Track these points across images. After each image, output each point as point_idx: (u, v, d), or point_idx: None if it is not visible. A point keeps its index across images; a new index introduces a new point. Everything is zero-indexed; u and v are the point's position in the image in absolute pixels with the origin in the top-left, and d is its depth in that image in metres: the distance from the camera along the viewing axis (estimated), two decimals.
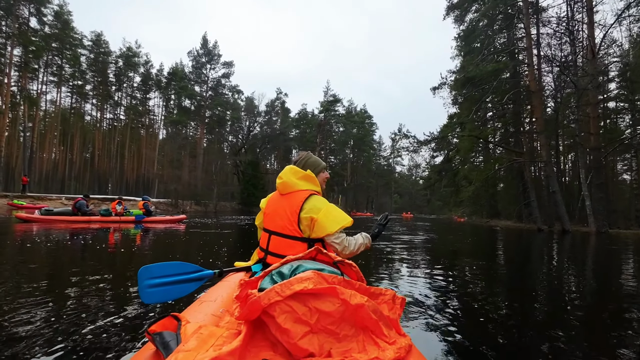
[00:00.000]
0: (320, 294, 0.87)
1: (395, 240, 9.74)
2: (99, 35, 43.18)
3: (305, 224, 1.57)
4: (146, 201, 12.69)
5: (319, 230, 1.55)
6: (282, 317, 0.83)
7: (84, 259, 4.80)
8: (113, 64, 45.47)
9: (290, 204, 1.62)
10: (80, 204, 11.07)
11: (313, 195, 1.64)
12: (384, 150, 79.17)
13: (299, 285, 0.85)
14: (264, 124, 48.13)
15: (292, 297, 0.85)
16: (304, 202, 1.59)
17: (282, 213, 1.62)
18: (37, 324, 2.17)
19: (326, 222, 1.54)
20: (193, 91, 45.03)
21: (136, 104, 48.67)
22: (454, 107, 37.99)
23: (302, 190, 1.66)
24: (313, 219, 1.55)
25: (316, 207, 1.58)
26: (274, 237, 1.64)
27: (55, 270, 4.05)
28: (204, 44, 45.29)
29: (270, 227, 1.67)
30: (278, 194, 1.74)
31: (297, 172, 1.72)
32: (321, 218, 1.55)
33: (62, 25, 36.95)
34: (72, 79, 42.38)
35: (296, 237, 1.58)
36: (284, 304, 0.84)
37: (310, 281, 0.87)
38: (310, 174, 1.74)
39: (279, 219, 1.63)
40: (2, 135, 31.46)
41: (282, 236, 1.61)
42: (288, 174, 1.71)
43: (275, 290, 0.85)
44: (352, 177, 65.74)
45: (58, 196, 25.54)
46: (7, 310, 2.39)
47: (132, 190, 44.44)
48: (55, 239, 6.78)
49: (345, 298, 0.86)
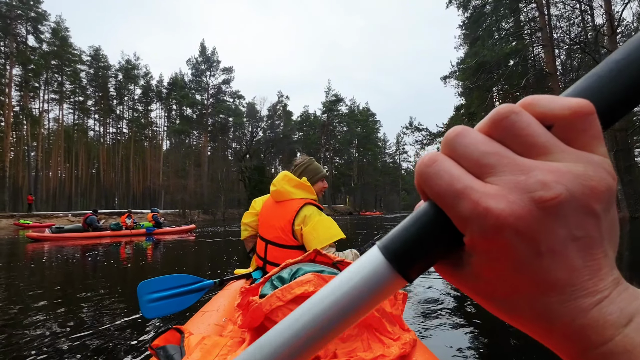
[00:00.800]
0: None
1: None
2: (97, 50, 43.06)
3: (297, 233, 1.57)
4: (155, 213, 12.66)
5: (306, 244, 1.54)
6: None
7: (96, 275, 4.75)
8: (113, 78, 45.32)
9: (284, 212, 1.61)
10: (91, 220, 10.94)
11: (307, 205, 1.61)
12: (389, 148, 78.31)
13: (299, 289, 0.86)
14: (266, 129, 47.64)
15: (293, 301, 0.85)
16: (297, 212, 1.58)
17: (276, 223, 1.62)
18: (46, 338, 2.21)
19: (311, 238, 1.52)
20: (194, 99, 44.69)
21: (138, 116, 48.43)
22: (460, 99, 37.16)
23: (296, 199, 1.65)
24: (302, 231, 1.55)
25: (306, 219, 1.56)
26: (271, 246, 1.63)
27: (67, 287, 4.06)
28: (202, 51, 45.07)
29: (266, 236, 1.67)
30: (271, 201, 1.73)
31: (290, 179, 1.70)
32: (306, 234, 1.53)
33: (60, 42, 36.83)
34: (73, 95, 42.33)
35: (292, 246, 1.58)
36: (285, 308, 0.84)
37: (311, 284, 0.87)
38: (304, 182, 1.71)
39: (272, 229, 1.63)
40: (7, 155, 31.26)
41: (278, 246, 1.61)
42: (282, 182, 1.69)
43: (276, 295, 0.85)
44: (358, 177, 64.84)
45: (65, 213, 25.16)
46: (18, 325, 2.48)
47: (139, 202, 44.15)
48: (68, 256, 6.67)
49: None
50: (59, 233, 10.49)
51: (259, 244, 1.72)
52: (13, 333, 2.35)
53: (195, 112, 46.56)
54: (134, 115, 48.49)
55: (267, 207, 1.75)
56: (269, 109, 50.79)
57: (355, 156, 65.48)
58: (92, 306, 3.06)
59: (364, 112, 65.34)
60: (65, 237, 10.34)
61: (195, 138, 48.90)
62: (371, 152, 66.93)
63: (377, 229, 14.19)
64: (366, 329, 0.90)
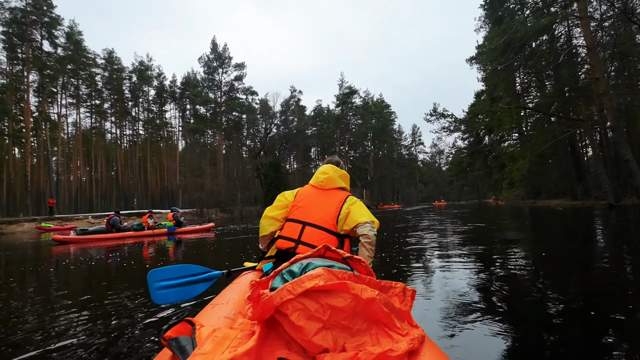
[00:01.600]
0: (331, 290, 0.88)
1: (445, 233, 8.37)
2: (110, 53, 43.36)
3: (342, 218, 1.69)
4: (175, 212, 12.69)
5: (351, 221, 1.67)
6: (295, 314, 0.85)
7: (119, 274, 4.85)
8: (127, 80, 45.49)
9: (332, 199, 1.76)
10: (114, 221, 11.06)
11: (351, 196, 1.81)
12: (404, 140, 76.61)
13: (310, 283, 0.86)
14: (280, 124, 46.99)
15: (303, 294, 0.86)
16: (345, 199, 1.75)
17: (322, 207, 1.73)
18: (67, 330, 2.38)
19: (358, 213, 1.68)
20: (207, 97, 44.34)
21: (153, 117, 48.60)
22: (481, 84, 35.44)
23: (342, 187, 1.87)
24: (349, 211, 1.69)
25: (353, 203, 1.74)
26: (309, 228, 1.68)
27: (91, 286, 4.14)
28: (214, 48, 44.60)
29: (305, 219, 1.71)
30: (314, 189, 1.84)
31: (337, 170, 1.88)
32: (354, 209, 1.70)
33: (74, 46, 37.07)
34: (90, 98, 42.67)
35: (331, 231, 1.67)
36: (296, 301, 0.86)
37: (321, 278, 0.88)
38: (347, 174, 1.93)
39: (317, 212, 1.71)
40: (28, 160, 31.75)
41: (318, 228, 1.67)
42: (331, 171, 1.85)
43: (286, 288, 0.86)
44: (375, 170, 63.53)
45: (85, 215, 25.29)
46: (43, 319, 2.72)
47: (157, 203, 44.46)
48: (92, 257, 6.81)
49: (356, 293, 0.88)
50: (84, 235, 10.53)
51: (291, 226, 1.73)
52: (39, 326, 2.55)
53: (208, 110, 46.26)
54: (149, 116, 48.66)
55: (308, 194, 1.82)
56: (282, 105, 50.15)
57: (371, 149, 64.15)
58: (114, 302, 3.16)
59: (378, 103, 63.80)
60: (90, 238, 10.40)
61: (210, 137, 48.75)
62: (387, 145, 65.47)
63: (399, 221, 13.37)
64: (375, 324, 0.90)
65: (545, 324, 2.27)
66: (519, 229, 8.93)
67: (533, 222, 11.38)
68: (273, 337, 0.90)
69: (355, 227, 1.65)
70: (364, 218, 1.65)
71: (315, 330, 0.83)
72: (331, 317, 0.86)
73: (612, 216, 11.22)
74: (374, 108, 61.31)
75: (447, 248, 5.78)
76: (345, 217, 1.67)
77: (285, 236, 1.72)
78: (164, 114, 49.88)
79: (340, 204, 1.71)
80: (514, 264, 4.18)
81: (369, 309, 0.89)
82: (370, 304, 0.88)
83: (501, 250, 5.29)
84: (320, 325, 0.85)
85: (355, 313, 0.88)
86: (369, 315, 0.90)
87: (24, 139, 31.47)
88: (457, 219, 13.55)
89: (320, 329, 0.84)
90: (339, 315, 0.86)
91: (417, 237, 7.71)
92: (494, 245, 6.07)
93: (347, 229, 1.67)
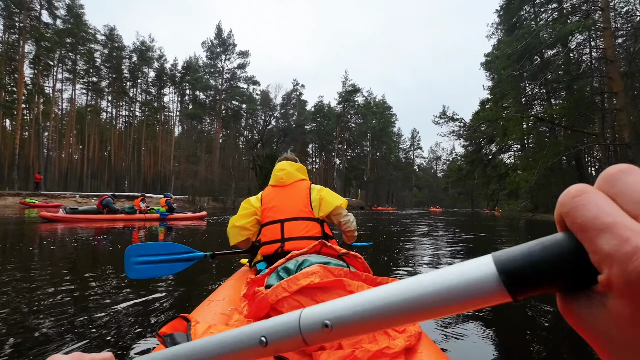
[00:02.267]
0: (327, 287, 0.88)
1: (436, 236, 8.22)
2: (112, 30, 42.18)
3: (315, 204, 1.73)
4: (168, 198, 12.53)
5: (326, 206, 1.72)
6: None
7: (109, 259, 4.58)
8: (127, 59, 44.32)
9: (298, 191, 1.78)
10: (107, 202, 10.85)
11: (313, 184, 1.84)
12: (403, 143, 76.34)
13: (305, 280, 0.86)
14: (280, 117, 46.30)
15: (299, 291, 0.86)
16: (309, 186, 1.81)
17: (292, 200, 1.75)
18: (55, 322, 2.19)
19: (330, 197, 1.76)
20: (208, 83, 43.39)
21: (151, 99, 47.51)
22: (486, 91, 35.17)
23: (303, 179, 1.88)
24: (320, 197, 1.75)
25: (320, 191, 1.79)
26: (288, 223, 1.69)
27: (79, 271, 3.91)
28: (219, 33, 43.69)
29: (280, 216, 1.71)
30: (277, 188, 1.85)
31: (293, 164, 1.93)
32: (325, 195, 1.76)
33: (74, 19, 35.89)
34: (87, 75, 41.47)
35: (311, 218, 1.70)
36: (291, 299, 0.86)
37: (317, 275, 0.88)
38: (302, 166, 1.96)
39: (288, 206, 1.73)
40: (17, 133, 30.72)
41: (297, 219, 1.69)
42: (288, 166, 1.89)
43: (282, 286, 0.87)
44: (372, 171, 63.18)
45: (72, 194, 24.51)
46: (30, 309, 2.47)
47: (150, 187, 43.67)
48: (81, 238, 6.54)
49: (352, 290, 0.88)
50: (73, 214, 10.28)
51: (270, 229, 1.71)
52: (25, 316, 2.33)
53: (208, 96, 45.28)
54: (147, 98, 47.56)
55: (273, 194, 1.82)
56: (284, 97, 49.47)
57: (370, 149, 63.78)
58: (103, 291, 2.99)
59: (380, 104, 63.35)
60: (79, 218, 10.17)
61: (208, 124, 47.83)
62: (386, 146, 65.17)
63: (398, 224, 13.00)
64: None
65: (540, 324, 2.31)
66: (520, 240, 8.57)
67: (535, 234, 11.05)
68: None
69: (332, 212, 1.73)
70: (338, 201, 1.74)
71: None
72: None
73: None
74: (375, 108, 60.87)
75: (446, 250, 5.75)
76: (319, 203, 1.72)
77: (267, 240, 1.71)
78: (163, 97, 48.81)
79: (308, 191, 1.75)
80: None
81: None
82: None
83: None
84: None
85: None
86: None
87: (15, 111, 30.40)
88: (455, 226, 13.32)
89: None
90: None
91: (415, 241, 7.55)
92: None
93: (323, 215, 1.72)
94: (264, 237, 1.73)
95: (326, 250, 1.19)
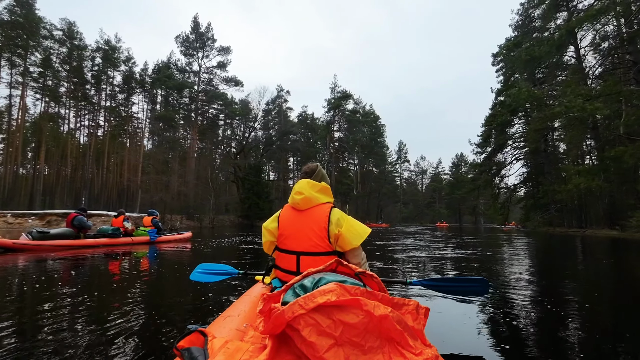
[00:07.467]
0: (343, 305, 0.89)
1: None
2: (71, 25, 37.61)
3: (333, 241, 1.65)
4: (154, 216, 11.06)
5: (344, 244, 1.64)
6: (306, 330, 0.86)
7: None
8: (89, 61, 39.38)
9: (315, 219, 1.68)
10: (80, 221, 8.83)
11: (333, 208, 1.72)
12: (389, 156, 74.08)
13: (322, 298, 0.87)
14: (264, 125, 42.46)
15: (315, 309, 0.87)
16: (329, 216, 1.67)
17: (309, 231, 1.67)
18: (69, 343, 2.15)
19: (350, 236, 1.63)
20: (183, 82, 38.60)
21: (117, 106, 42.37)
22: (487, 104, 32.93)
23: (323, 204, 1.74)
24: (339, 233, 1.63)
25: (339, 221, 1.66)
26: (304, 257, 1.66)
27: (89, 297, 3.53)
28: (195, 27, 39.50)
29: (297, 248, 1.68)
30: (293, 211, 1.77)
31: (314, 185, 1.77)
32: (345, 233, 1.63)
33: (24, 9, 30.97)
34: (42, 77, 36.16)
35: (327, 252, 1.64)
36: (308, 316, 0.87)
37: (333, 293, 0.89)
38: (326, 185, 1.82)
39: (306, 238, 1.67)
40: None
41: (314, 255, 1.64)
42: (308, 189, 1.74)
43: (298, 303, 0.87)
44: (362, 185, 59.93)
45: (3, 212, 19.18)
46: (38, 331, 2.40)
47: (112, 203, 37.96)
48: (55, 276, 4.67)
49: (368, 309, 0.89)
50: (42, 240, 8.10)
51: (286, 258, 1.72)
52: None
53: (183, 96, 40.31)
54: (112, 104, 42.37)
55: (289, 219, 1.75)
56: (267, 103, 45.88)
57: (358, 161, 60.79)
58: (123, 307, 3.01)
59: (369, 113, 61.07)
60: (51, 245, 8.13)
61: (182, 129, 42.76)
62: (373, 159, 62.53)
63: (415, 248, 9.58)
64: (388, 342, 0.90)
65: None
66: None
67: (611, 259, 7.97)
68: (284, 351, 0.91)
69: (350, 251, 1.67)
70: (357, 241, 1.64)
71: (327, 347, 0.84)
72: (343, 333, 0.86)
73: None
74: (363, 118, 58.40)
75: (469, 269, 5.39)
76: (336, 239, 1.65)
77: (283, 268, 1.75)
78: (131, 106, 43.76)
79: (326, 220, 1.65)
80: (550, 295, 3.77)
81: (382, 326, 0.89)
82: (383, 321, 0.88)
83: (535, 282, 4.62)
84: (332, 341, 0.86)
85: (367, 330, 0.88)
86: (381, 333, 0.90)
87: None
88: (488, 246, 11.16)
89: (332, 346, 0.85)
90: (351, 332, 0.87)
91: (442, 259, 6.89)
92: (521, 273, 5.16)
93: (340, 251, 1.67)
94: (280, 263, 1.76)
95: (342, 269, 1.21)
